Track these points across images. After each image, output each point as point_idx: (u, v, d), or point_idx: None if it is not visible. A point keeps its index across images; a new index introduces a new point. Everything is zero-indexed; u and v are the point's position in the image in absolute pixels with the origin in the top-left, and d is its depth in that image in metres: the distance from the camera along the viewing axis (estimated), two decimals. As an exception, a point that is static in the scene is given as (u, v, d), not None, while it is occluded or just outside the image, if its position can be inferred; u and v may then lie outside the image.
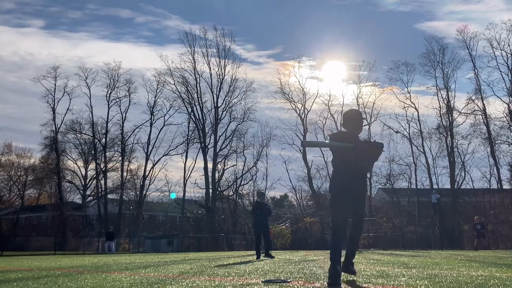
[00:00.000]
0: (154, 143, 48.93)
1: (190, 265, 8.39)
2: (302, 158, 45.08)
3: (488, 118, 40.40)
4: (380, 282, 4.27)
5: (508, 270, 5.84)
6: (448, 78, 42.27)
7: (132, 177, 49.80)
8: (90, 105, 49.13)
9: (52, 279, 5.36)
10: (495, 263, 7.80)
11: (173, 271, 6.37)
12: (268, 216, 13.12)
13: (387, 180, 43.67)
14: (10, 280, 5.37)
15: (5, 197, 56.08)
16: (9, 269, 8.39)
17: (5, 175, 55.28)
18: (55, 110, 48.27)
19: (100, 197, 49.57)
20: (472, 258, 10.68)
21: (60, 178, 49.17)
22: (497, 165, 39.89)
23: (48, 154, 49.39)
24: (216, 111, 46.76)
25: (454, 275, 4.93)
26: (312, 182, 44.79)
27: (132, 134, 49.63)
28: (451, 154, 40.74)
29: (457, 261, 8.69)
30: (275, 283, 4.19)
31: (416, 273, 5.36)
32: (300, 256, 14.41)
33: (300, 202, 52.70)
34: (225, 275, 5.28)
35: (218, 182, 46.09)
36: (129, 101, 49.16)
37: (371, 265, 7.25)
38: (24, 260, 14.32)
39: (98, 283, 4.59)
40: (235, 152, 47.38)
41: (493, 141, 40.18)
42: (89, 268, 7.86)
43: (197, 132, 47.12)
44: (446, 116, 41.71)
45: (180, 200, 49.20)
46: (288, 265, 7.56)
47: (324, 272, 5.65)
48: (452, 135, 41.26)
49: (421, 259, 10.18)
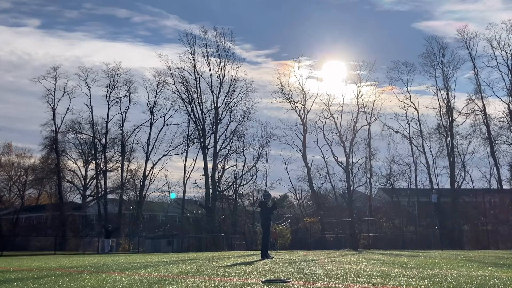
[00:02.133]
0: (154, 143, 48.96)
1: (190, 265, 8.38)
2: (302, 158, 45.10)
3: (488, 118, 40.39)
4: (380, 282, 4.27)
5: (508, 270, 5.84)
6: (448, 78, 42.28)
7: (132, 177, 49.80)
8: (90, 105, 49.15)
9: (52, 279, 5.36)
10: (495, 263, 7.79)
11: (173, 271, 6.36)
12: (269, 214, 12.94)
13: (387, 180, 43.68)
14: (10, 280, 5.37)
15: (5, 197, 56.07)
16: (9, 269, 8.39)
17: (5, 175, 55.33)
18: (55, 110, 48.27)
19: (100, 197, 49.55)
20: (472, 258, 10.68)
21: (60, 178, 49.13)
22: (497, 165, 39.89)
23: (48, 154, 49.37)
24: (216, 111, 46.75)
25: (454, 275, 4.93)
26: (312, 182, 44.78)
27: (132, 134, 49.66)
28: (451, 154, 40.73)
29: (457, 261, 8.69)
30: (275, 283, 4.19)
31: (416, 273, 5.36)
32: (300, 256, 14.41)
33: (300, 202, 52.70)
34: (225, 275, 5.28)
35: (218, 182, 46.08)
36: (129, 101, 49.19)
37: (371, 265, 7.25)
38: (24, 260, 14.31)
39: (98, 283, 4.59)
40: (235, 152, 47.39)
41: (493, 141, 40.17)
42: (89, 268, 7.86)
43: (197, 132, 47.13)
44: (446, 116, 41.70)
45: (180, 200, 49.18)
46: (288, 265, 7.55)
47: (324, 272, 5.65)
48: (452, 135, 41.25)
49: (421, 259, 10.17)
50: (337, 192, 46.23)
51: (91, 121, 49.25)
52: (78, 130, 50.17)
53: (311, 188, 45.25)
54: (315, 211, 44.89)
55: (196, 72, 46.81)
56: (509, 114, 39.82)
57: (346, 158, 42.79)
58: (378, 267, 6.46)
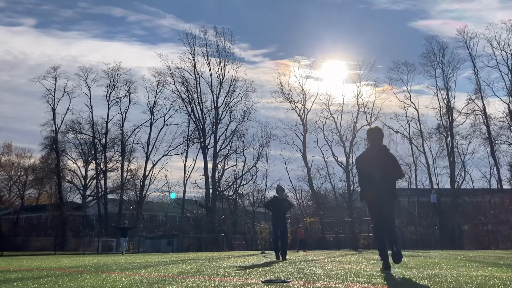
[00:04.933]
0: (154, 143, 49.04)
1: (190, 265, 8.39)
2: (302, 158, 45.11)
3: (488, 118, 40.41)
4: (380, 282, 4.27)
5: (508, 270, 5.84)
6: (448, 78, 42.31)
7: (132, 177, 49.84)
8: (90, 105, 49.25)
9: (52, 279, 5.36)
10: (495, 263, 7.80)
11: (173, 271, 6.37)
12: (286, 211, 12.16)
13: (387, 180, 43.62)
14: (10, 280, 5.37)
15: (5, 197, 56.06)
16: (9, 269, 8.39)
17: (5, 175, 55.31)
18: (55, 110, 48.34)
19: (100, 197, 49.57)
20: (472, 258, 10.68)
21: (60, 178, 49.16)
22: (497, 165, 39.92)
23: (48, 154, 49.42)
24: (216, 111, 46.76)
25: (454, 275, 4.93)
26: (312, 182, 44.80)
27: (132, 134, 49.75)
28: (451, 154, 40.73)
29: (457, 261, 8.69)
30: (275, 283, 4.19)
31: (416, 273, 5.36)
32: (300, 256, 14.42)
33: (300, 202, 52.73)
34: (225, 275, 5.28)
35: (218, 182, 46.08)
36: (129, 101, 49.30)
37: (371, 265, 7.25)
38: (24, 260, 14.32)
39: (98, 283, 4.59)
40: (235, 152, 47.42)
41: (493, 141, 40.18)
42: (89, 268, 7.86)
43: (197, 132, 47.16)
44: (446, 116, 41.72)
45: (180, 200, 49.20)
46: (288, 265, 7.56)
47: (324, 272, 5.66)
48: (452, 135, 41.26)
49: (421, 259, 10.18)
50: (337, 192, 46.28)
51: (91, 121, 49.38)
52: (78, 130, 50.29)
53: (311, 188, 45.26)
54: (315, 211, 44.89)
55: (196, 72, 46.90)
56: (509, 114, 39.82)
57: (346, 158, 42.85)
58: (378, 267, 6.46)
